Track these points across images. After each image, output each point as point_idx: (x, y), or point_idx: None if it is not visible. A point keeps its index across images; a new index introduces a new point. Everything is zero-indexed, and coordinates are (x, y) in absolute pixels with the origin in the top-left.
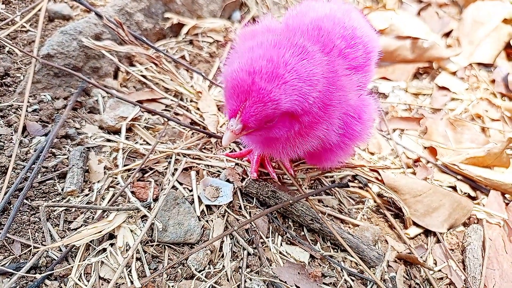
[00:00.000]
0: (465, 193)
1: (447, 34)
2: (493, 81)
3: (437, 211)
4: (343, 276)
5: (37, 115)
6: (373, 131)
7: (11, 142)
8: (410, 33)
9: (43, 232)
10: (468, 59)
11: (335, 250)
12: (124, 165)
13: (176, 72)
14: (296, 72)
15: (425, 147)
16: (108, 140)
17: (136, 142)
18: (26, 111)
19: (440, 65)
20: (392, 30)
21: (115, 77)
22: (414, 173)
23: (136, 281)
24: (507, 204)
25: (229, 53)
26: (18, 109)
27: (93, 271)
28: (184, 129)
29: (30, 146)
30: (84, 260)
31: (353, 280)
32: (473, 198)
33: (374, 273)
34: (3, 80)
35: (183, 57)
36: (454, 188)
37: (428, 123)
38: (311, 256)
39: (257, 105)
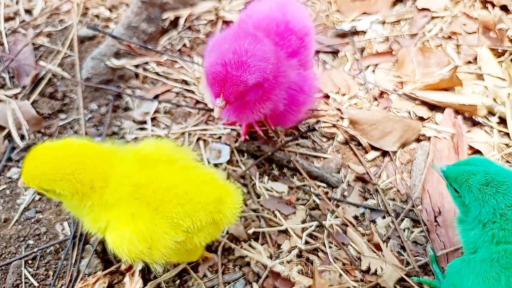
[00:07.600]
0: (420, 117)
1: None
2: None
3: (390, 134)
4: (311, 197)
5: (92, 122)
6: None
7: None
8: None
9: None
10: None
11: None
12: None
13: (182, 61)
14: (255, 56)
15: (391, 80)
16: (141, 129)
17: (160, 127)
18: (85, 120)
19: None
20: None
21: (137, 77)
22: (378, 105)
23: None
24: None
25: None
26: (79, 120)
27: None
28: (192, 109)
29: None
30: None
31: (320, 199)
32: (428, 119)
33: (335, 192)
34: (64, 102)
35: (184, 45)
36: (409, 113)
37: (401, 53)
38: (289, 187)
39: (233, 87)
